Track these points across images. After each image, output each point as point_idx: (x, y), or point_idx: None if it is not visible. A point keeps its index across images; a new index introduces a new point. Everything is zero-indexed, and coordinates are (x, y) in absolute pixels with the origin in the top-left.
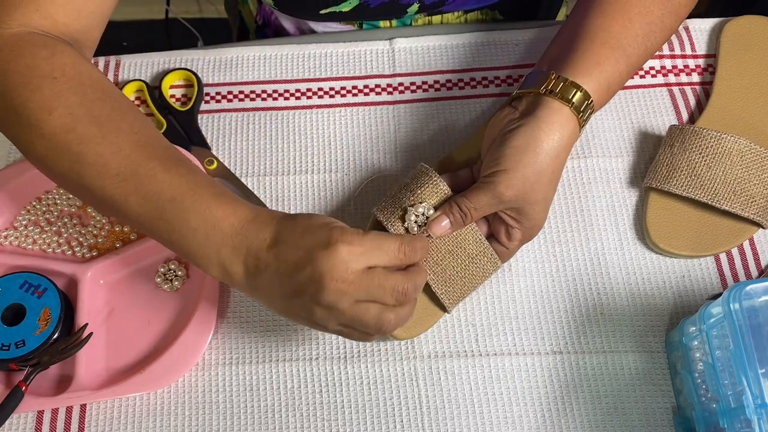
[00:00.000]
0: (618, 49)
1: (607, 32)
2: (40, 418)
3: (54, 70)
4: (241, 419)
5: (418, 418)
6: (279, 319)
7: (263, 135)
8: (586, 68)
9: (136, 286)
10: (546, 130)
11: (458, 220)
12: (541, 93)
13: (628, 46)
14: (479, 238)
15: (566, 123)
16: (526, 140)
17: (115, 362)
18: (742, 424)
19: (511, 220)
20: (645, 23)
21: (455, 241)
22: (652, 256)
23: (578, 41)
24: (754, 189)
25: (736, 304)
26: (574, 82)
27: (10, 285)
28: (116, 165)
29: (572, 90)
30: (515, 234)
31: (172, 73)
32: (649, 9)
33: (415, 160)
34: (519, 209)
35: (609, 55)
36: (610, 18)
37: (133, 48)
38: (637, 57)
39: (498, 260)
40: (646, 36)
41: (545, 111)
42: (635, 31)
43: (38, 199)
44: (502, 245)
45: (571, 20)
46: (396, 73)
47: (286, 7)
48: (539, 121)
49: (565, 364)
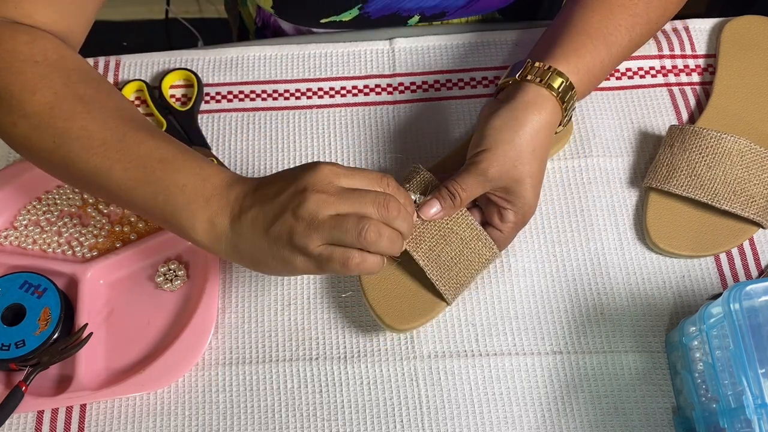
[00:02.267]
0: (597, 38)
1: (587, 23)
2: (40, 418)
3: (35, 54)
4: (241, 419)
5: (418, 418)
6: (279, 319)
7: (263, 135)
8: (563, 55)
9: (136, 286)
10: (522, 109)
11: (448, 203)
12: (518, 80)
13: (609, 35)
14: (471, 223)
15: (544, 103)
16: (504, 120)
17: (115, 362)
18: (742, 424)
19: (501, 201)
20: (628, 15)
21: (447, 226)
22: (652, 256)
23: (559, 33)
24: (754, 189)
25: (736, 304)
26: (551, 66)
27: (10, 285)
28: (101, 135)
29: (548, 73)
30: (507, 215)
31: (172, 73)
32: (633, 2)
33: (414, 160)
34: (506, 188)
35: (587, 43)
36: (590, 10)
37: (133, 48)
38: (620, 47)
39: (494, 245)
40: (629, 27)
41: (522, 93)
42: (617, 21)
43: (38, 199)
44: (497, 228)
45: (556, 18)
46: (396, 73)
47: (286, 14)
48: (517, 102)
49: (565, 364)
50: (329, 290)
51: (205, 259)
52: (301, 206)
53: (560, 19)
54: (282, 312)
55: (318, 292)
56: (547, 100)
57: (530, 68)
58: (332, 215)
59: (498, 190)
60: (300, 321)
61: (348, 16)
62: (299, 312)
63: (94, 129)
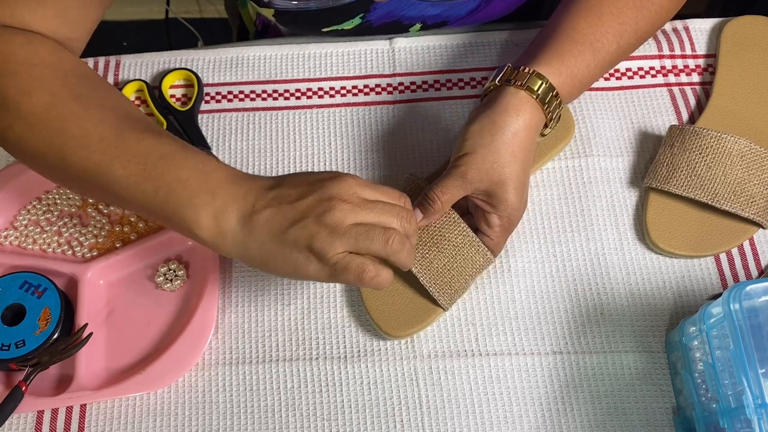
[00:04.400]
0: (583, 43)
1: (574, 28)
2: (40, 418)
3: (32, 57)
4: (241, 419)
5: (418, 418)
6: (279, 319)
7: (263, 135)
8: (545, 59)
9: (136, 286)
10: (500, 112)
11: (429, 209)
12: (497, 84)
13: (596, 41)
14: (463, 229)
15: (521, 105)
16: (482, 124)
17: (115, 362)
18: (742, 424)
19: (484, 204)
20: (617, 23)
21: (439, 232)
22: (652, 256)
23: (546, 38)
24: (754, 189)
25: (736, 304)
26: (531, 69)
27: (10, 285)
28: (100, 132)
29: (527, 76)
30: (492, 219)
31: (172, 73)
32: (621, 10)
33: (415, 160)
34: (487, 191)
35: (572, 48)
36: (579, 16)
37: (133, 48)
38: (608, 53)
39: (487, 251)
40: (617, 34)
41: (500, 96)
42: (605, 28)
43: (38, 199)
44: (485, 234)
45: (546, 24)
46: (396, 72)
47: (287, 23)
48: (496, 105)
49: (565, 364)
50: (329, 290)
51: (205, 259)
52: (326, 214)
53: (549, 26)
54: (282, 312)
55: (318, 292)
56: (525, 103)
57: (509, 72)
58: (356, 224)
59: (480, 193)
60: (300, 321)
61: (350, 24)
62: (299, 312)
63: (91, 127)
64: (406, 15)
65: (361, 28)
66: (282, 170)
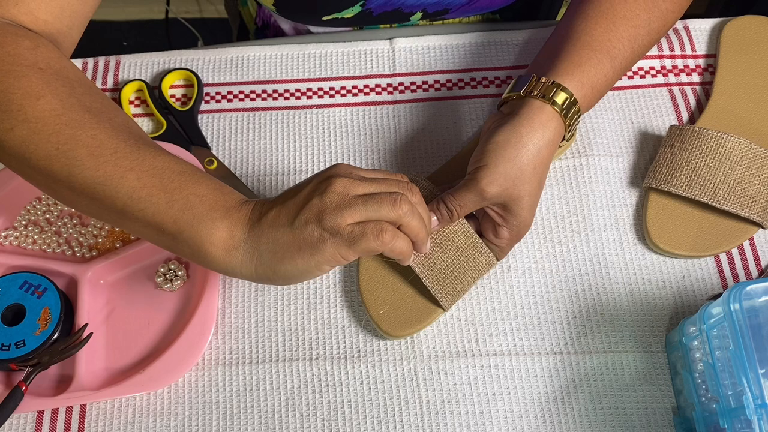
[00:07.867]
0: (601, 51)
1: (590, 35)
2: (40, 418)
3: (39, 61)
4: (241, 419)
5: (418, 418)
6: (279, 319)
7: (263, 135)
8: (566, 69)
9: (136, 286)
10: (527, 126)
11: (445, 217)
12: (522, 95)
13: (612, 48)
14: (468, 231)
15: (548, 121)
16: (506, 136)
17: (115, 362)
18: (742, 424)
19: (497, 218)
20: (630, 27)
21: (443, 234)
22: (652, 256)
23: (562, 45)
24: (754, 189)
25: (736, 304)
26: (555, 81)
27: (10, 285)
28: (115, 144)
29: (553, 89)
30: (502, 232)
31: (172, 73)
32: (634, 13)
33: (415, 160)
34: (504, 205)
35: (591, 57)
36: (593, 22)
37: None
38: (623, 59)
39: (490, 253)
40: (632, 39)
41: (527, 109)
42: (620, 34)
43: (38, 199)
44: (492, 243)
45: (558, 27)
46: (396, 73)
47: (287, 11)
48: (521, 118)
49: (565, 364)
50: (329, 290)
51: None
52: (327, 190)
53: (562, 30)
54: (282, 312)
55: (318, 292)
56: (551, 118)
57: (534, 83)
58: (360, 194)
59: (495, 205)
60: (300, 321)
61: (350, 12)
62: (299, 312)
63: (105, 138)
64: (406, 3)
65: (361, 16)
66: (282, 170)
